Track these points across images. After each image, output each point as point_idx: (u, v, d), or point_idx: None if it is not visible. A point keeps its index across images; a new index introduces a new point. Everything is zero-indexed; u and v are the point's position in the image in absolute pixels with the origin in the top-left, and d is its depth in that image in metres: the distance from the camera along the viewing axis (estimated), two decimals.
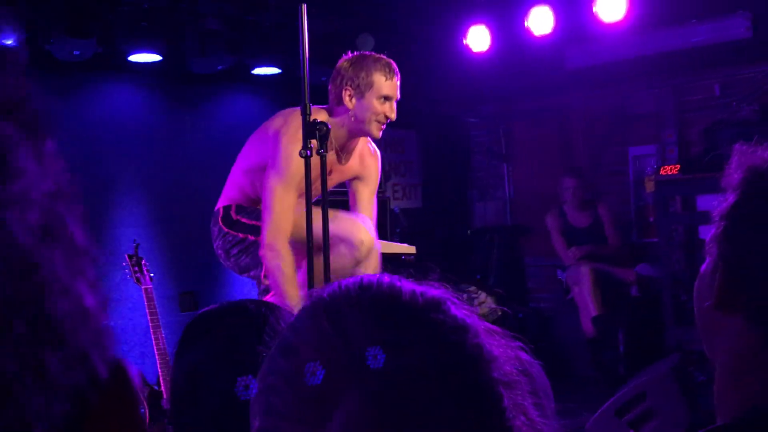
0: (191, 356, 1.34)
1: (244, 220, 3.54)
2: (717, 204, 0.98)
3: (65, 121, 5.44)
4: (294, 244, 3.25)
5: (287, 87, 6.34)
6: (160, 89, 6.07)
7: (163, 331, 4.08)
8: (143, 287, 4.13)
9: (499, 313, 6.29)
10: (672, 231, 6.50)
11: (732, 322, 0.94)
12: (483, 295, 6.24)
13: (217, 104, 6.41)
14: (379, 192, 6.25)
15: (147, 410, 3.98)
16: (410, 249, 4.68)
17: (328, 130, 2.60)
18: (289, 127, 3.24)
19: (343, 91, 3.30)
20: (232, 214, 3.59)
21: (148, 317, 4.05)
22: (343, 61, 3.38)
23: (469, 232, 7.79)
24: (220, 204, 3.71)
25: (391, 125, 3.42)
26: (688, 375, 4.91)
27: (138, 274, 4.17)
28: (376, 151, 3.76)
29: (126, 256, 4.23)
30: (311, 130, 2.54)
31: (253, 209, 3.56)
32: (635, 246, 6.99)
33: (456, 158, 8.04)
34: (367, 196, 3.67)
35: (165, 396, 3.95)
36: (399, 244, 4.94)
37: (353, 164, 3.59)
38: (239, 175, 3.62)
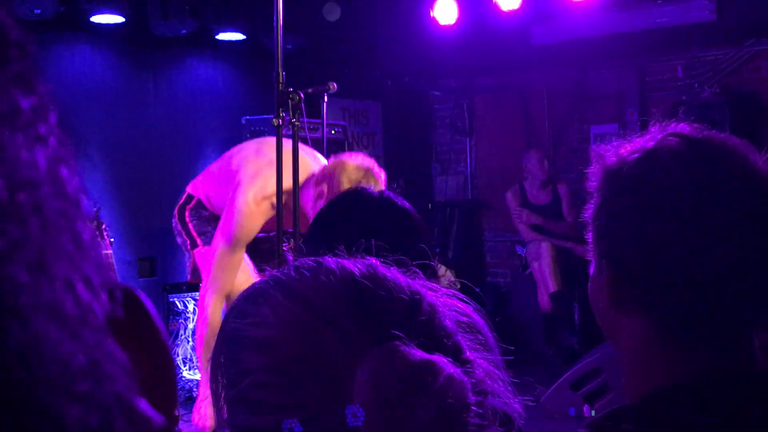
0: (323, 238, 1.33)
1: (191, 225, 3.63)
2: (585, 208, 1.02)
3: None
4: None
5: (252, 54, 6.28)
6: (122, 52, 5.97)
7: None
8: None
9: (458, 286, 6.32)
10: None
11: (627, 317, 0.97)
12: (442, 269, 6.27)
13: (181, 69, 6.32)
14: None
15: None
16: None
17: (301, 99, 2.58)
18: (246, 184, 3.29)
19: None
20: (187, 214, 3.65)
21: None
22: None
23: (430, 206, 7.82)
24: (188, 189, 3.76)
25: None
26: None
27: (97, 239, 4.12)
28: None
29: None
30: (284, 99, 2.51)
31: (207, 216, 3.63)
32: None
33: (419, 132, 8.05)
34: None
35: None
36: None
37: None
38: (206, 185, 3.65)
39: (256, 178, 3.30)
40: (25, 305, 0.43)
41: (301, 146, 3.06)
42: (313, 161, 3.38)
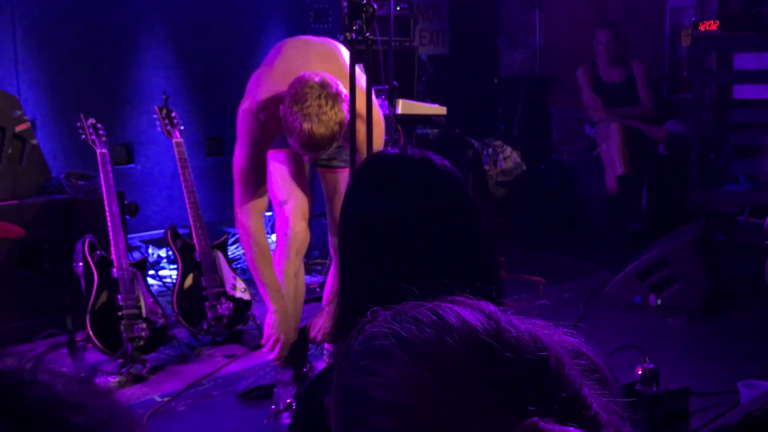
0: (364, 204, 1.31)
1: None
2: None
3: None
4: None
5: None
6: None
7: (191, 174, 4.10)
8: (173, 140, 4.12)
9: (524, 168, 6.28)
10: (705, 88, 6.37)
11: None
12: (508, 150, 6.21)
13: None
14: (405, 40, 6.11)
15: (180, 263, 4.07)
16: (440, 110, 4.62)
17: (374, 11, 2.48)
18: (246, 94, 3.17)
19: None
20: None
21: (179, 167, 4.06)
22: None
23: (495, 80, 7.65)
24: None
25: None
26: (711, 242, 4.94)
27: (168, 127, 4.15)
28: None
29: (156, 109, 4.19)
30: (356, 11, 2.42)
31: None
32: (665, 102, 6.87)
33: (487, 3, 7.78)
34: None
35: (198, 249, 4.02)
36: (430, 105, 4.87)
37: None
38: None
39: (254, 87, 3.21)
40: None
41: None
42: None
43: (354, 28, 2.46)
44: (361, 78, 3.01)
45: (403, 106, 4.56)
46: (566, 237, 6.36)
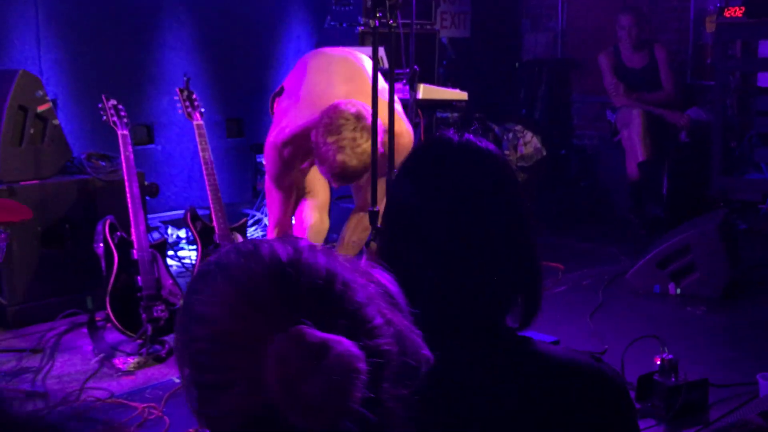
0: (409, 189, 1.30)
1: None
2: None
3: None
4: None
5: None
6: None
7: (211, 156, 4.10)
8: (194, 123, 4.12)
9: (544, 153, 6.25)
10: (729, 75, 6.30)
11: None
12: (529, 135, 6.18)
13: None
14: (427, 23, 6.09)
15: (199, 245, 4.08)
16: (461, 95, 4.60)
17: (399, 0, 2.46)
18: (273, 128, 3.29)
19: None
20: (275, 104, 3.59)
21: (199, 150, 4.06)
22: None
23: (517, 64, 7.61)
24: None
25: None
26: (733, 229, 4.91)
27: (189, 109, 4.15)
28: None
29: (177, 90, 4.19)
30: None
31: None
32: (688, 88, 6.81)
33: None
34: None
35: (217, 231, 4.03)
36: (450, 90, 4.85)
37: None
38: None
39: (279, 119, 3.26)
40: None
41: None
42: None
43: (377, 15, 2.44)
44: (384, 89, 3.03)
45: (423, 91, 4.54)
46: (586, 222, 6.33)
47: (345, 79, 3.18)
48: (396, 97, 2.95)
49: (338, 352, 0.78)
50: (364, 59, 3.31)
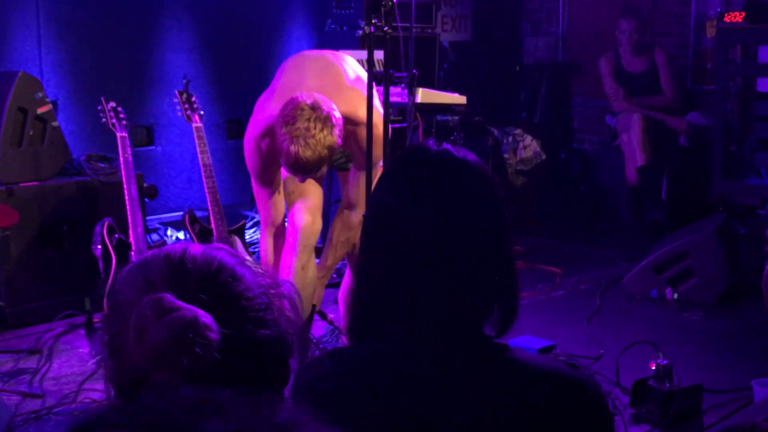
0: (387, 198, 1.30)
1: None
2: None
3: None
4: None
5: None
6: None
7: (210, 158, 4.11)
8: (193, 125, 4.13)
9: (543, 157, 6.25)
10: (729, 80, 6.30)
11: None
12: (528, 139, 6.19)
13: None
14: (427, 27, 6.09)
15: None
16: (460, 99, 4.61)
17: (394, 5, 2.47)
18: (250, 123, 3.30)
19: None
20: None
21: (198, 152, 4.07)
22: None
23: (518, 67, 7.61)
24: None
25: None
26: (732, 234, 4.91)
27: (188, 111, 4.16)
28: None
29: (177, 93, 4.20)
30: (376, 3, 2.41)
31: None
32: (688, 92, 6.81)
33: None
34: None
35: (215, 234, 4.04)
36: (450, 94, 4.85)
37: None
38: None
39: (257, 113, 3.29)
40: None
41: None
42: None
43: (373, 21, 2.45)
44: (362, 78, 3.05)
45: (422, 95, 4.55)
46: (586, 226, 6.34)
47: (318, 74, 3.22)
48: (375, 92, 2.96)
49: (183, 313, 0.94)
50: (346, 59, 3.34)
